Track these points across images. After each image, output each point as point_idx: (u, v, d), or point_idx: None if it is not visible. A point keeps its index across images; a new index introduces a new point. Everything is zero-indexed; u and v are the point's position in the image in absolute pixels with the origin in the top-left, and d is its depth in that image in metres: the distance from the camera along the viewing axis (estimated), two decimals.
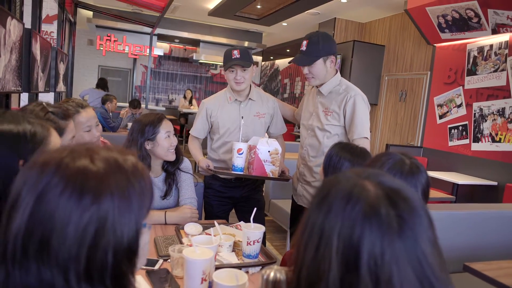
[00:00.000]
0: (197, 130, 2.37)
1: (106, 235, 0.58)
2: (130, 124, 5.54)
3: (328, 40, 2.05)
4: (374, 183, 0.62)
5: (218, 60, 8.81)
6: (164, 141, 1.87)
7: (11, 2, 2.50)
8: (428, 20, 4.92)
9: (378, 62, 6.42)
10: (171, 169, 1.98)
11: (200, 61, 9.16)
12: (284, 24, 7.55)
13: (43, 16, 4.64)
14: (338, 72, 2.15)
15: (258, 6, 6.51)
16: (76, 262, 0.57)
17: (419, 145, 5.59)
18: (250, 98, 2.29)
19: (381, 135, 6.49)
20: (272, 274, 0.93)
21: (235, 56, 2.16)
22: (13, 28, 2.47)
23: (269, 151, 2.07)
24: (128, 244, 0.61)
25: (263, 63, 11.71)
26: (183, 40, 9.17)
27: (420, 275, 0.57)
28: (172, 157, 1.93)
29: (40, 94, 3.54)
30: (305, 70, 2.08)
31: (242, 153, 2.10)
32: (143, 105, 7.06)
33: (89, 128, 1.72)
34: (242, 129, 2.25)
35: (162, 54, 8.81)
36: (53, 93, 4.30)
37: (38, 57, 3.15)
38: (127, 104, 6.30)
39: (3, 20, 2.28)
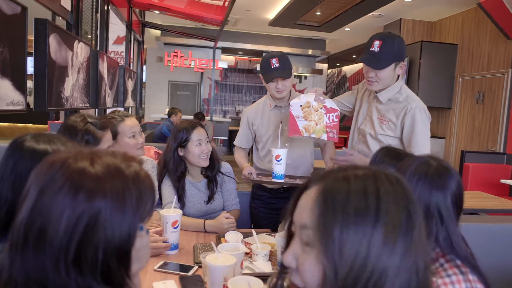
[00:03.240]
0: (240, 139, 2.37)
1: (96, 232, 0.62)
2: None
3: (403, 44, 1.88)
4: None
5: None
6: (195, 148, 1.91)
7: (78, 27, 2.76)
8: (506, 12, 4.46)
9: (451, 62, 5.96)
10: (210, 174, 2.01)
11: None
12: (347, 29, 7.36)
13: (115, 38, 5.06)
14: (400, 79, 1.99)
15: (318, 13, 6.44)
16: (65, 253, 0.61)
17: (501, 151, 5.05)
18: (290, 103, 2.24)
19: (456, 141, 5.98)
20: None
21: (274, 66, 2.09)
22: (80, 50, 2.72)
23: (301, 106, 1.96)
24: (119, 245, 0.65)
25: (329, 70, 11.51)
26: (247, 52, 9.37)
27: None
28: (204, 163, 1.95)
29: (108, 110, 3.84)
30: (371, 73, 1.89)
31: (280, 160, 2.04)
32: (207, 117, 7.34)
33: (133, 134, 1.82)
34: (284, 134, 2.21)
35: (226, 66, 9.08)
36: (122, 109, 4.65)
37: (105, 76, 3.43)
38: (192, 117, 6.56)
39: (71, 44, 2.52)
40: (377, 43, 1.83)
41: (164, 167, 1.96)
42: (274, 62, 2.09)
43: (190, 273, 1.43)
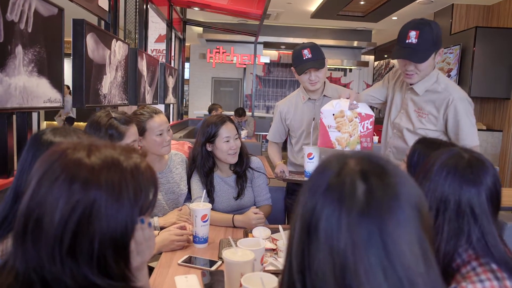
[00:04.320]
0: (273, 134, 2.33)
1: (91, 223, 0.63)
2: None
3: (438, 29, 1.72)
4: (358, 158, 0.57)
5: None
6: (223, 145, 1.88)
7: (116, 26, 2.84)
8: None
9: (509, 49, 5.49)
10: (239, 170, 1.98)
11: None
12: (394, 18, 7.03)
13: (156, 37, 5.20)
14: (436, 67, 1.84)
15: (362, 2, 6.20)
16: (60, 243, 0.62)
17: None
18: (325, 95, 2.16)
19: None
20: None
21: (306, 57, 2.03)
22: (118, 49, 2.80)
23: (333, 114, 1.81)
24: (116, 236, 0.65)
25: (376, 62, 11.09)
26: (289, 46, 9.26)
27: (385, 267, 0.50)
28: (232, 160, 1.92)
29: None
30: (410, 66, 1.74)
31: (313, 158, 1.96)
32: (249, 113, 7.34)
33: (161, 132, 1.81)
34: (318, 128, 2.14)
35: (268, 61, 9.03)
36: (163, 105, 4.77)
37: (144, 73, 3.52)
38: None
39: (108, 43, 2.61)
40: (413, 33, 1.67)
41: (193, 162, 1.96)
42: (306, 53, 2.03)
43: (213, 268, 1.42)
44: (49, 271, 0.62)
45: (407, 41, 1.69)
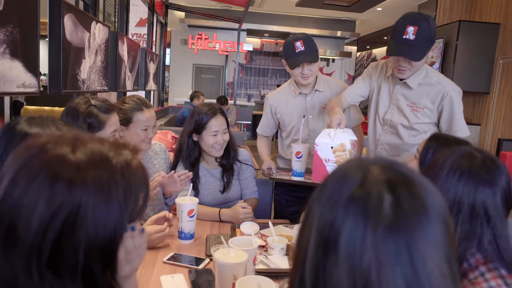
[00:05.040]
0: (263, 127, 2.26)
1: (76, 229, 0.55)
2: None
3: (435, 25, 1.66)
4: (381, 165, 0.51)
5: None
6: (210, 138, 1.81)
7: (96, 8, 2.68)
8: None
9: (491, 44, 5.55)
10: (225, 163, 1.91)
11: None
12: (379, 9, 7.02)
13: (137, 20, 5.00)
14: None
15: None
16: (38, 254, 0.54)
17: None
18: (316, 90, 2.07)
19: (493, 129, 5.62)
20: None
21: (299, 49, 1.91)
22: (98, 32, 2.65)
23: (331, 147, 1.70)
24: (103, 245, 0.57)
25: (358, 53, 11.12)
26: (273, 34, 9.16)
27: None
28: (216, 154, 1.85)
29: (128, 93, 3.80)
30: (404, 62, 1.68)
31: (301, 157, 1.89)
32: (231, 102, 7.23)
33: (146, 127, 1.73)
34: (309, 124, 2.08)
35: (251, 49, 8.91)
36: (143, 92, 4.61)
37: (125, 58, 3.36)
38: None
39: (88, 25, 2.46)
40: (411, 29, 1.59)
41: (179, 151, 1.88)
42: (299, 46, 1.92)
43: (201, 266, 1.36)
44: (24, 285, 0.54)
45: (404, 36, 1.61)
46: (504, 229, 0.85)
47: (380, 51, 9.95)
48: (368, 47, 10.53)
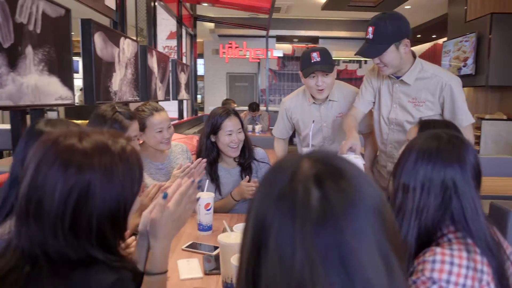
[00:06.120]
0: (279, 130, 2.35)
1: (88, 202, 0.71)
2: (250, 126, 5.88)
3: (397, 21, 1.76)
4: (313, 159, 0.50)
5: (340, 55, 8.59)
6: (225, 137, 1.93)
7: (123, 24, 2.93)
8: None
9: None
10: (243, 161, 2.02)
11: None
12: (407, 7, 6.92)
13: (168, 33, 5.29)
14: (416, 55, 1.88)
15: None
16: (62, 221, 0.69)
17: None
18: (330, 99, 2.13)
19: None
20: None
21: (314, 60, 1.98)
22: (127, 46, 2.89)
23: None
24: (110, 214, 0.73)
25: None
26: (302, 39, 9.24)
27: (344, 284, 0.44)
28: (232, 153, 1.96)
29: (161, 103, 4.04)
30: (376, 60, 1.81)
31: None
32: (263, 108, 7.36)
33: (160, 129, 1.87)
34: (323, 131, 2.16)
35: (281, 55, 9.03)
36: (176, 101, 4.86)
37: (155, 70, 3.60)
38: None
39: (116, 41, 2.69)
40: (370, 29, 1.77)
41: (199, 152, 2.03)
42: (315, 56, 1.99)
43: (214, 253, 1.48)
44: (52, 246, 0.70)
45: (366, 36, 1.79)
46: (471, 202, 0.90)
47: (415, 50, 9.68)
48: None
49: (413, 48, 6.77)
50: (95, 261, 0.72)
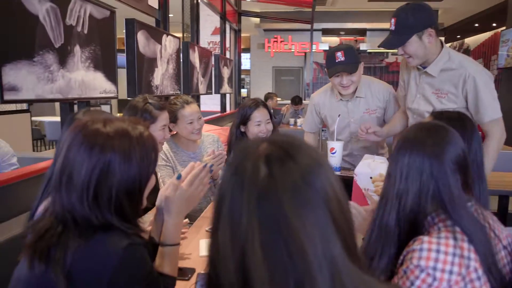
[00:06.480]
0: (309, 124, 2.40)
1: (109, 178, 0.85)
2: (292, 120, 5.95)
3: (419, 12, 1.74)
4: (272, 141, 0.56)
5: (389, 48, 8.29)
6: (254, 128, 2.03)
7: (166, 22, 3.12)
8: None
9: None
10: None
11: (369, 50, 8.87)
12: None
13: (213, 29, 5.47)
14: (445, 45, 1.84)
15: None
16: (87, 192, 0.84)
17: None
18: (357, 96, 2.14)
19: None
20: None
21: (339, 59, 1.99)
22: (169, 43, 3.07)
23: (371, 178, 1.67)
24: (128, 189, 0.87)
25: (448, 44, 10.32)
26: (349, 32, 9.07)
27: (286, 261, 0.49)
28: None
29: (202, 96, 4.22)
30: (400, 51, 1.82)
31: (335, 152, 2.00)
32: (306, 102, 7.35)
33: (191, 121, 1.99)
34: (351, 127, 2.18)
35: (327, 48, 8.92)
36: (218, 95, 5.03)
37: (197, 65, 3.78)
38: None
39: (159, 38, 2.89)
40: (392, 20, 1.80)
41: (230, 141, 2.15)
42: (339, 56, 2.00)
43: None
44: (78, 212, 0.85)
45: (390, 28, 1.80)
46: (449, 188, 0.92)
47: (473, 40, 9.14)
48: (458, 36, 9.78)
49: (472, 39, 6.46)
50: (113, 228, 0.86)
